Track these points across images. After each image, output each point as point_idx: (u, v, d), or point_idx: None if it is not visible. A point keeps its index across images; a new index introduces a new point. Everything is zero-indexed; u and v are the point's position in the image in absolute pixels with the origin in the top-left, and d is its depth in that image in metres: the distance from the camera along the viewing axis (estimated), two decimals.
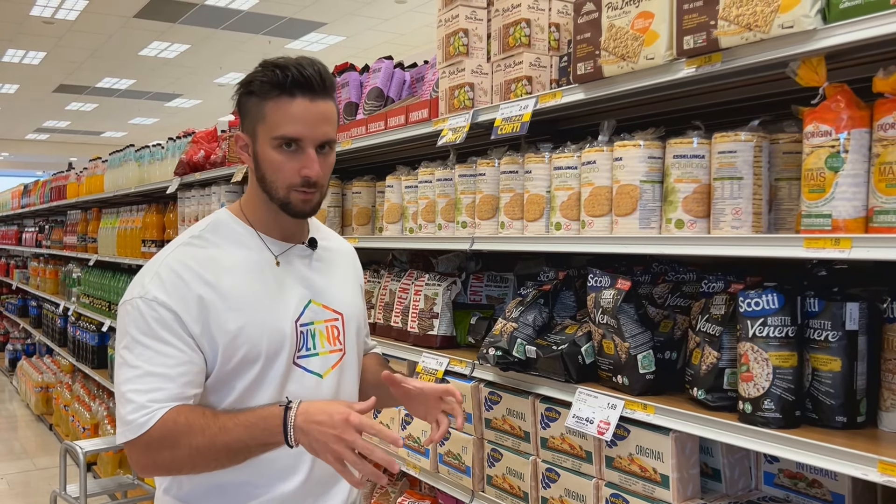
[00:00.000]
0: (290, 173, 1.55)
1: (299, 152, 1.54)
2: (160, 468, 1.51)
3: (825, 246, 1.40)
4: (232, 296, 1.53)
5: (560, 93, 1.99)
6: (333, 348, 1.67)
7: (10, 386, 9.28)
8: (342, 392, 1.69)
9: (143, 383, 1.46)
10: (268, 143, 1.55)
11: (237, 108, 1.63)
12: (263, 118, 1.54)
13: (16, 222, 10.98)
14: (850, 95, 1.44)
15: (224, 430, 1.45)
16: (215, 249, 1.59)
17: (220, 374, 1.54)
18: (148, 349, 1.48)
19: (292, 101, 1.52)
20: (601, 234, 1.90)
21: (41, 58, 13.24)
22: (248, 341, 1.53)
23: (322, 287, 1.69)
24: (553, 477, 2.06)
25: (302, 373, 1.61)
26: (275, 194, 1.58)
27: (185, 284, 1.51)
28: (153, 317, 1.49)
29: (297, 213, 1.60)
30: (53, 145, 23.03)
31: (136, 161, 5.51)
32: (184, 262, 1.55)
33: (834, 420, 1.55)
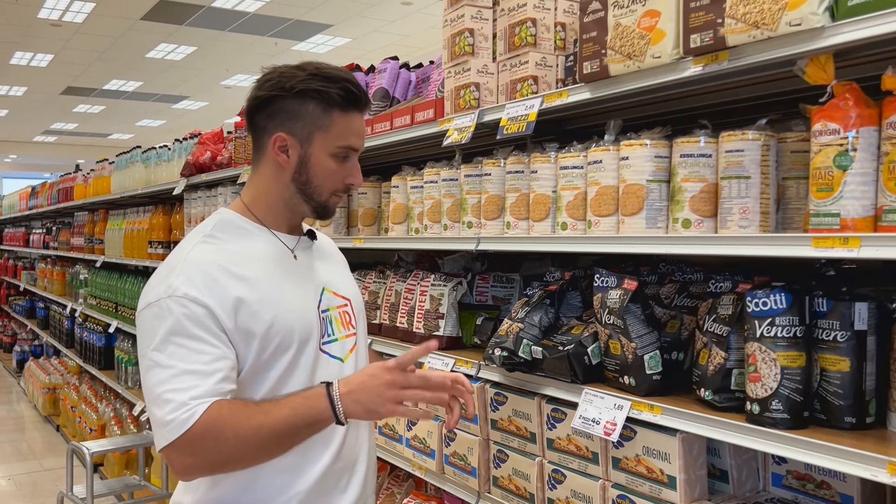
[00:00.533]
0: (338, 180, 1.65)
1: (348, 162, 1.65)
2: (206, 465, 1.49)
3: (834, 245, 1.39)
4: (261, 286, 1.56)
5: (566, 92, 1.99)
6: (348, 332, 1.73)
7: (18, 387, 9.31)
8: None
9: (180, 382, 1.44)
10: (326, 151, 1.61)
11: (270, 107, 1.62)
12: (328, 127, 1.60)
13: (23, 224, 11.02)
14: (858, 93, 1.43)
15: (269, 415, 1.47)
16: (230, 245, 1.61)
17: (255, 365, 1.54)
18: (182, 347, 1.46)
19: (358, 117, 1.65)
20: (607, 233, 1.89)
21: (49, 60, 13.29)
22: (283, 330, 1.56)
23: (329, 275, 1.75)
24: (559, 478, 2.05)
25: (327, 358, 1.65)
26: (317, 197, 1.65)
27: (214, 279, 1.51)
28: (185, 314, 1.47)
29: (330, 214, 1.70)
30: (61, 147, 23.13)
31: (142, 162, 5.53)
32: (208, 257, 1.55)
33: (843, 421, 1.54)
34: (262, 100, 1.62)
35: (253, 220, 1.67)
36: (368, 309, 3.00)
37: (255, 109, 1.64)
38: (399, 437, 2.73)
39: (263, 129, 1.64)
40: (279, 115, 1.61)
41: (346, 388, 1.52)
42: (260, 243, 1.64)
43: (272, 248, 1.65)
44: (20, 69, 13.92)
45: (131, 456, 5.35)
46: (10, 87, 15.61)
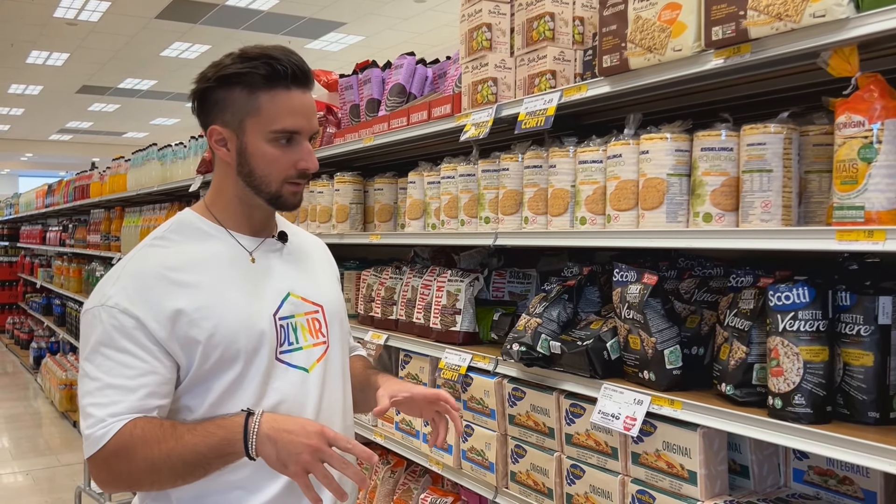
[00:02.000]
0: (286, 166, 1.52)
1: (294, 145, 1.52)
2: (120, 483, 1.45)
3: (858, 238, 1.38)
4: (202, 295, 1.47)
5: (585, 86, 1.98)
6: (317, 341, 1.61)
7: (35, 383, 9.39)
8: (329, 387, 1.62)
9: (102, 396, 1.40)
10: (262, 137, 1.50)
11: (202, 100, 1.55)
12: (257, 111, 1.49)
13: (40, 221, 11.10)
14: (883, 85, 1.42)
15: (180, 441, 1.38)
16: (181, 247, 1.53)
17: (196, 374, 1.47)
18: (108, 360, 1.42)
19: (289, 94, 1.50)
20: (627, 227, 1.88)
21: (64, 59, 13.38)
22: (224, 340, 1.46)
23: (298, 279, 1.63)
24: (578, 473, 2.04)
25: (286, 368, 1.54)
26: (265, 188, 1.53)
27: (149, 288, 1.45)
28: (113, 325, 1.42)
29: (287, 205, 1.56)
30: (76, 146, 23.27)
31: (158, 160, 5.55)
32: (148, 264, 1.49)
33: (866, 415, 1.52)
34: (196, 95, 1.56)
35: (212, 221, 1.59)
36: (384, 304, 3.00)
37: (194, 106, 1.58)
38: (416, 433, 2.73)
39: (203, 125, 1.57)
40: (211, 108, 1.54)
41: (270, 425, 1.39)
42: (214, 245, 1.55)
43: (226, 250, 1.56)
44: (36, 68, 14.02)
45: None
46: (26, 87, 15.72)
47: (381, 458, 3.21)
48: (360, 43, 12.40)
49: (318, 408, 1.57)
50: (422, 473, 3.02)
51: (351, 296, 3.36)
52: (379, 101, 3.11)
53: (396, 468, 3.12)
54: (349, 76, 3.30)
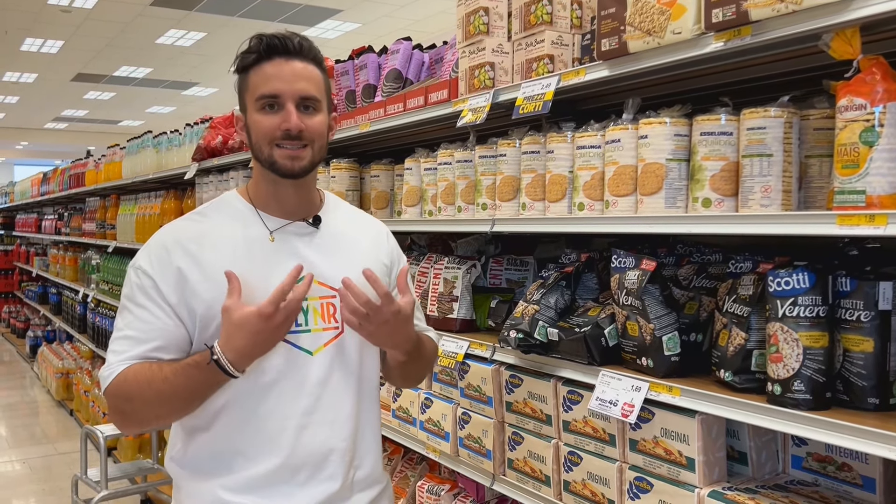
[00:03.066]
0: (270, 129, 1.59)
1: (279, 110, 1.59)
2: (128, 421, 1.61)
3: (859, 223, 1.36)
4: (211, 269, 1.57)
5: (583, 70, 1.96)
6: (328, 326, 1.65)
7: (31, 372, 9.37)
8: (337, 373, 1.65)
9: (118, 344, 1.57)
10: (253, 109, 1.61)
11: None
12: (248, 88, 1.62)
13: (35, 210, 11.06)
14: (885, 68, 1.40)
15: (166, 381, 1.51)
16: (209, 224, 1.65)
17: (199, 342, 1.58)
18: (129, 313, 1.59)
19: (271, 63, 1.60)
20: (626, 213, 1.87)
21: (59, 46, 13.30)
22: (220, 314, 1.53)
23: (319, 264, 1.65)
24: (575, 460, 2.03)
25: (289, 348, 1.60)
26: (260, 156, 1.62)
27: (168, 255, 1.59)
28: (136, 283, 1.59)
29: (284, 171, 1.61)
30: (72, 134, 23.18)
31: (153, 148, 5.52)
32: (173, 235, 1.64)
33: (866, 402, 1.52)
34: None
35: (247, 200, 1.70)
36: None
37: None
38: (413, 420, 2.73)
39: None
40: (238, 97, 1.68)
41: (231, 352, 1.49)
42: (238, 224, 1.65)
43: (249, 229, 1.65)
44: (31, 56, 13.93)
45: (144, 440, 5.38)
46: (21, 74, 15.64)
47: None
48: (357, 30, 12.33)
49: (320, 390, 1.62)
50: (419, 461, 3.02)
51: None
52: (375, 87, 3.08)
53: (393, 455, 3.12)
54: (345, 62, 3.28)
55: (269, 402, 1.59)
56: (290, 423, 1.59)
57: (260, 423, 1.58)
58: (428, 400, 2.64)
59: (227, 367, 1.49)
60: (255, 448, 1.59)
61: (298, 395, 1.60)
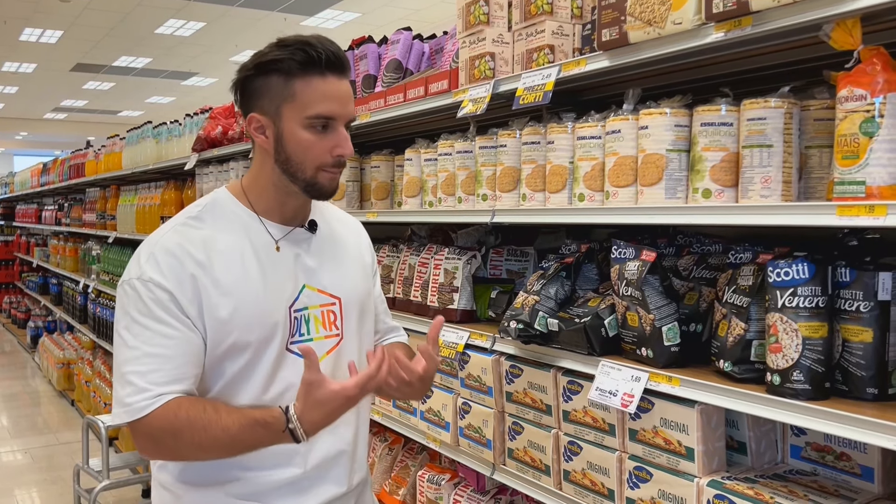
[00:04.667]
0: (321, 153, 1.53)
1: (330, 132, 1.53)
2: (164, 454, 1.55)
3: (859, 213, 1.36)
4: (224, 280, 1.51)
5: (584, 60, 1.96)
6: (329, 333, 1.64)
7: (33, 362, 9.39)
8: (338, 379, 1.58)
9: (141, 364, 1.46)
10: (298, 123, 1.52)
11: (242, 89, 1.58)
12: (292, 97, 1.51)
13: (35, 200, 11.06)
14: (886, 58, 1.40)
15: (226, 431, 1.45)
16: (210, 231, 1.57)
17: (210, 357, 1.53)
18: (146, 330, 1.48)
19: (325, 80, 1.51)
20: (626, 204, 1.87)
21: (58, 37, 13.26)
22: (238, 328, 1.51)
23: (318, 271, 1.64)
24: (575, 450, 2.04)
25: (295, 358, 1.57)
26: (300, 175, 1.55)
27: (181, 265, 1.50)
28: (150, 297, 1.48)
29: (323, 193, 1.58)
30: (71, 125, 23.14)
31: (153, 138, 5.51)
32: (179, 242, 1.53)
33: (864, 392, 1.52)
34: (237, 83, 1.58)
35: (245, 205, 1.62)
36: (382, 282, 2.99)
37: (236, 94, 1.61)
38: (413, 410, 2.74)
39: (244, 114, 1.60)
40: (251, 96, 1.56)
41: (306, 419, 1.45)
42: (242, 232, 1.59)
43: (254, 237, 1.59)
44: (30, 46, 13.89)
45: None
46: (20, 64, 15.59)
47: (378, 435, 3.22)
48: (357, 20, 12.28)
49: None
50: (419, 450, 3.03)
51: None
52: (375, 77, 3.07)
53: (394, 445, 3.13)
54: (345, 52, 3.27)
55: None
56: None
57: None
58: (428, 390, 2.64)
59: (301, 436, 1.46)
60: (265, 460, 1.57)
61: None
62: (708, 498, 1.68)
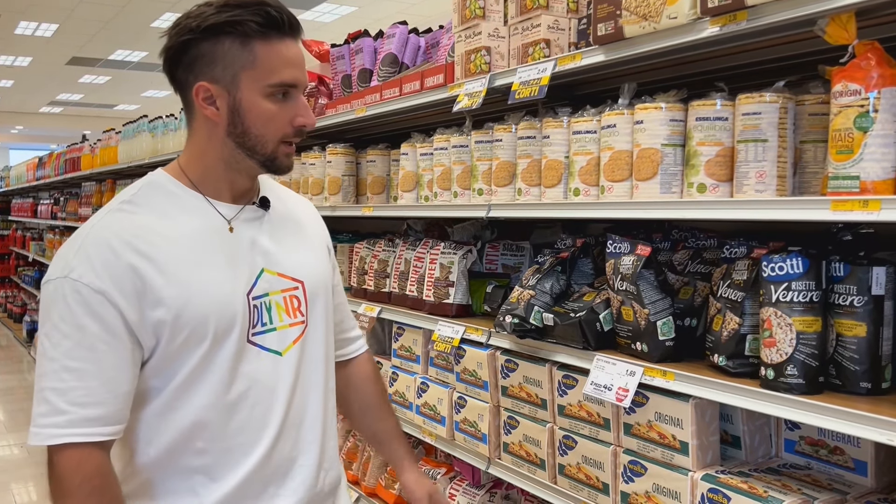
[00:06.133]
0: (282, 124, 1.39)
1: (290, 100, 1.40)
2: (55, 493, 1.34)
3: (853, 208, 1.37)
4: (171, 269, 1.34)
5: (580, 55, 1.95)
6: (294, 321, 1.48)
7: (29, 356, 9.38)
8: (305, 370, 1.50)
9: (59, 381, 1.28)
10: (258, 92, 1.37)
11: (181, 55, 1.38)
12: (252, 63, 1.35)
13: (31, 195, 11.04)
14: (881, 53, 1.40)
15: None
16: (150, 216, 1.38)
17: (162, 354, 1.35)
18: (67, 339, 1.28)
19: (284, 44, 1.37)
20: (621, 199, 1.87)
21: (53, 30, 13.20)
22: (193, 320, 1.34)
23: (276, 252, 1.48)
24: (570, 444, 2.05)
25: (258, 351, 1.42)
26: (261, 150, 1.40)
27: (116, 257, 1.31)
28: (76, 301, 1.28)
29: (282, 168, 1.43)
30: (67, 118, 23.07)
31: (149, 132, 5.50)
32: (114, 231, 1.34)
33: (858, 386, 1.53)
34: (174, 49, 1.38)
35: (188, 185, 1.44)
36: (377, 277, 2.99)
37: (171, 62, 1.40)
38: (409, 404, 2.74)
39: (184, 83, 1.40)
40: (196, 63, 1.37)
41: None
42: (187, 213, 1.41)
43: (201, 219, 1.41)
44: (25, 39, 13.83)
45: None
46: (15, 58, 15.53)
47: None
48: (353, 14, 12.25)
49: (291, 393, 1.46)
50: (415, 445, 3.04)
51: (344, 269, 3.35)
52: (371, 72, 3.07)
53: None
54: (341, 46, 3.26)
55: (242, 414, 1.41)
56: (265, 433, 1.43)
57: (230, 439, 1.40)
58: (424, 384, 2.65)
59: None
60: (223, 467, 1.40)
61: (272, 403, 1.43)
62: (702, 492, 1.69)
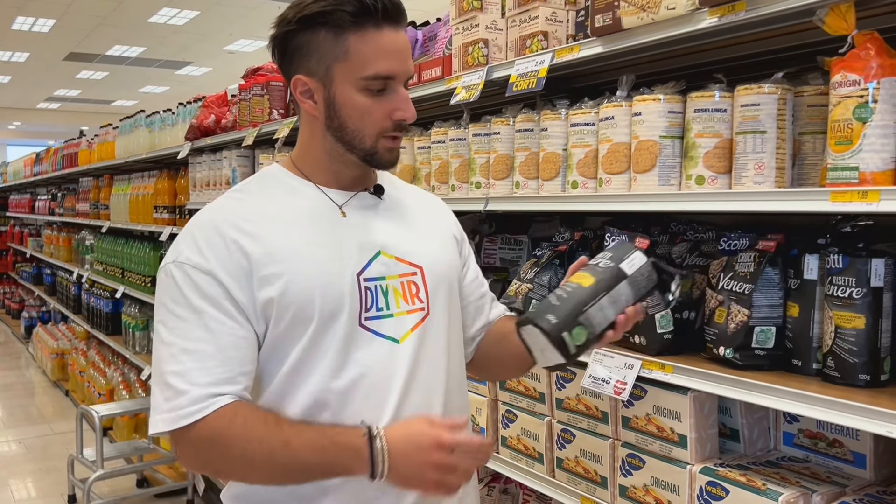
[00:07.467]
0: (380, 117, 1.35)
1: (388, 92, 1.34)
2: (208, 469, 1.35)
3: (852, 199, 1.36)
4: (277, 247, 1.32)
5: (577, 47, 1.94)
6: (412, 308, 1.41)
7: (27, 353, 9.37)
8: (425, 362, 1.41)
9: (178, 363, 1.26)
10: (352, 85, 1.33)
11: (283, 48, 1.38)
12: (345, 55, 1.31)
13: (28, 190, 11.01)
14: (880, 43, 1.39)
15: (287, 446, 1.24)
16: (260, 200, 1.39)
17: (271, 338, 1.32)
18: (183, 322, 1.28)
19: (381, 33, 1.31)
20: (619, 191, 1.86)
21: (51, 25, 13.16)
22: (299, 298, 1.30)
23: (394, 237, 1.43)
24: (568, 437, 2.04)
25: (371, 337, 1.35)
26: (359, 144, 1.36)
27: (223, 240, 1.31)
28: (186, 283, 1.29)
29: (383, 163, 1.40)
30: (65, 114, 23.03)
31: (146, 127, 5.49)
32: (222, 216, 1.35)
33: (857, 378, 1.52)
34: (276, 41, 1.39)
35: (298, 175, 1.44)
36: None
37: (276, 54, 1.41)
38: None
39: (286, 76, 1.41)
40: (294, 55, 1.37)
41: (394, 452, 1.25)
42: (299, 199, 1.40)
43: (313, 203, 1.40)
44: (22, 34, 13.79)
45: (140, 420, 5.39)
46: (12, 53, 15.49)
47: None
48: None
49: (407, 384, 1.38)
50: None
51: None
52: None
53: None
54: None
55: (355, 405, 1.33)
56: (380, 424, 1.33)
57: None
58: None
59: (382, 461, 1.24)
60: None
61: (387, 394, 1.35)
62: (700, 485, 1.68)
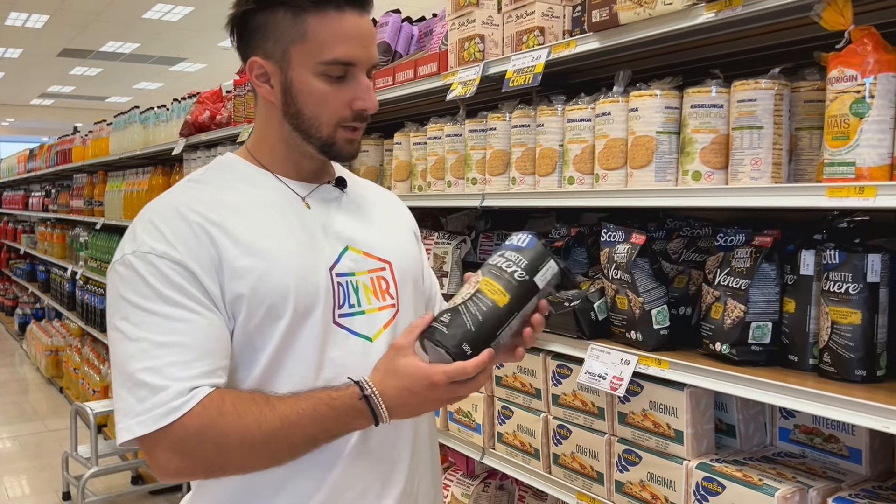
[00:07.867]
0: (339, 106, 1.28)
1: (349, 80, 1.28)
2: (198, 468, 1.20)
3: (849, 194, 1.36)
4: (246, 239, 1.24)
5: (574, 42, 1.94)
6: (383, 304, 1.35)
7: (21, 350, 9.34)
8: None
9: (153, 359, 1.15)
10: (310, 70, 1.26)
11: (241, 27, 1.32)
12: (303, 37, 1.24)
13: (22, 187, 10.97)
14: (877, 38, 1.39)
15: (286, 422, 1.16)
16: (219, 190, 1.30)
17: (240, 336, 1.24)
18: (152, 315, 1.17)
19: (342, 17, 1.25)
20: (616, 187, 1.86)
21: (44, 21, 13.10)
22: (272, 293, 1.22)
23: (360, 231, 1.38)
24: (565, 433, 2.04)
25: (346, 335, 1.29)
26: (316, 133, 1.30)
27: (188, 226, 1.22)
28: (152, 273, 1.19)
29: (341, 155, 1.34)
30: (59, 111, 22.94)
31: (141, 123, 5.47)
32: (183, 202, 1.26)
33: (853, 374, 1.52)
34: (234, 21, 1.31)
35: (256, 165, 1.36)
36: None
37: (234, 34, 1.33)
38: None
39: (243, 58, 1.33)
40: (251, 36, 1.30)
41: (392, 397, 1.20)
42: (261, 189, 1.32)
43: (275, 194, 1.32)
44: (15, 30, 13.73)
45: None
46: (5, 49, 15.42)
47: None
48: None
49: None
50: None
51: None
52: None
53: None
54: None
55: None
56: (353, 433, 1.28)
57: None
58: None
59: (381, 410, 1.19)
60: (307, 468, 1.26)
61: None
62: (697, 480, 1.68)
